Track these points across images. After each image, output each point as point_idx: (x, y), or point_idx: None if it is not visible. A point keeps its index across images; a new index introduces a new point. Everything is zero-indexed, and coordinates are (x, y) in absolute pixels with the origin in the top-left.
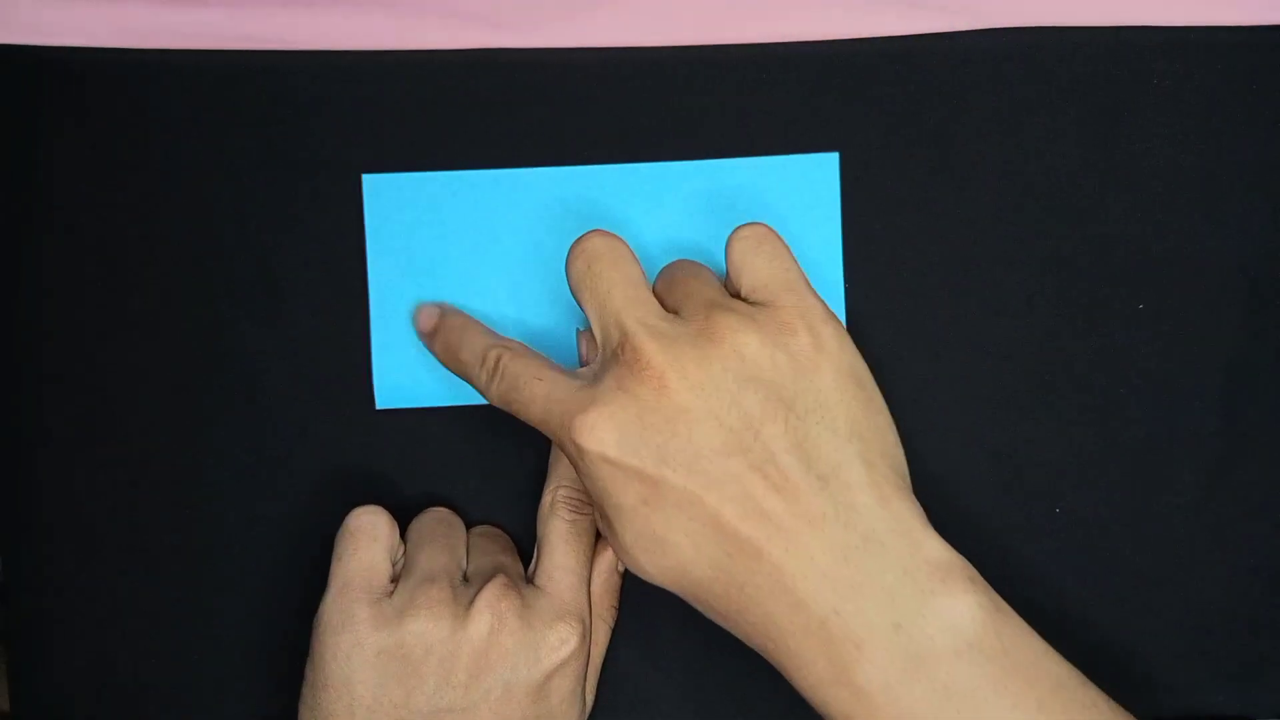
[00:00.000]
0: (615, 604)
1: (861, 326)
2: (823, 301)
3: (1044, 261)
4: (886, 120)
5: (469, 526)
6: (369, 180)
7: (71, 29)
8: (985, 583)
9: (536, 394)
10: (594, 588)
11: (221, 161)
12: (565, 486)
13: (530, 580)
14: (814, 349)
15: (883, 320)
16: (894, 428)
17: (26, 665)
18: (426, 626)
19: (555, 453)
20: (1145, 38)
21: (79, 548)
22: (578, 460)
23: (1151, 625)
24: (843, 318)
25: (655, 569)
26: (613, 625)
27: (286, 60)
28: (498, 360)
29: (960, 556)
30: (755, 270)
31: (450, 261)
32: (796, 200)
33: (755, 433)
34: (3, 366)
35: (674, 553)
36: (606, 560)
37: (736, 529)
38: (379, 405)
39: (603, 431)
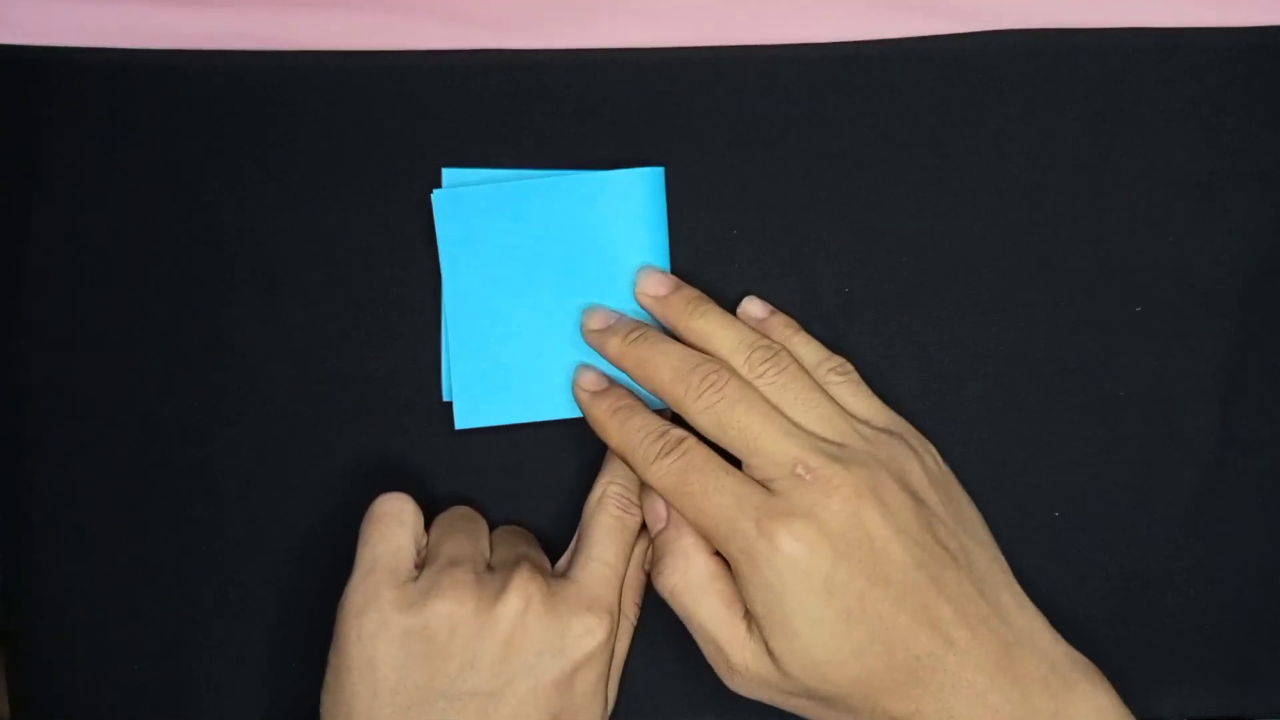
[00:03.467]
0: (638, 602)
1: (860, 328)
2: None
3: (1042, 263)
4: (886, 122)
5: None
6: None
7: (71, 29)
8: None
9: (725, 485)
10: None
11: (221, 162)
12: (617, 483)
13: (564, 571)
14: (937, 467)
15: (881, 321)
16: None
17: (26, 665)
18: (452, 608)
19: (611, 452)
20: (1142, 39)
21: (79, 548)
22: (763, 563)
23: (1150, 626)
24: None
25: (845, 678)
26: (635, 623)
27: (286, 61)
28: (681, 439)
29: (1082, 655)
30: (864, 408)
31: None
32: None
33: (930, 548)
34: (3, 366)
35: (870, 660)
36: (635, 557)
37: (925, 638)
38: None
39: (813, 542)
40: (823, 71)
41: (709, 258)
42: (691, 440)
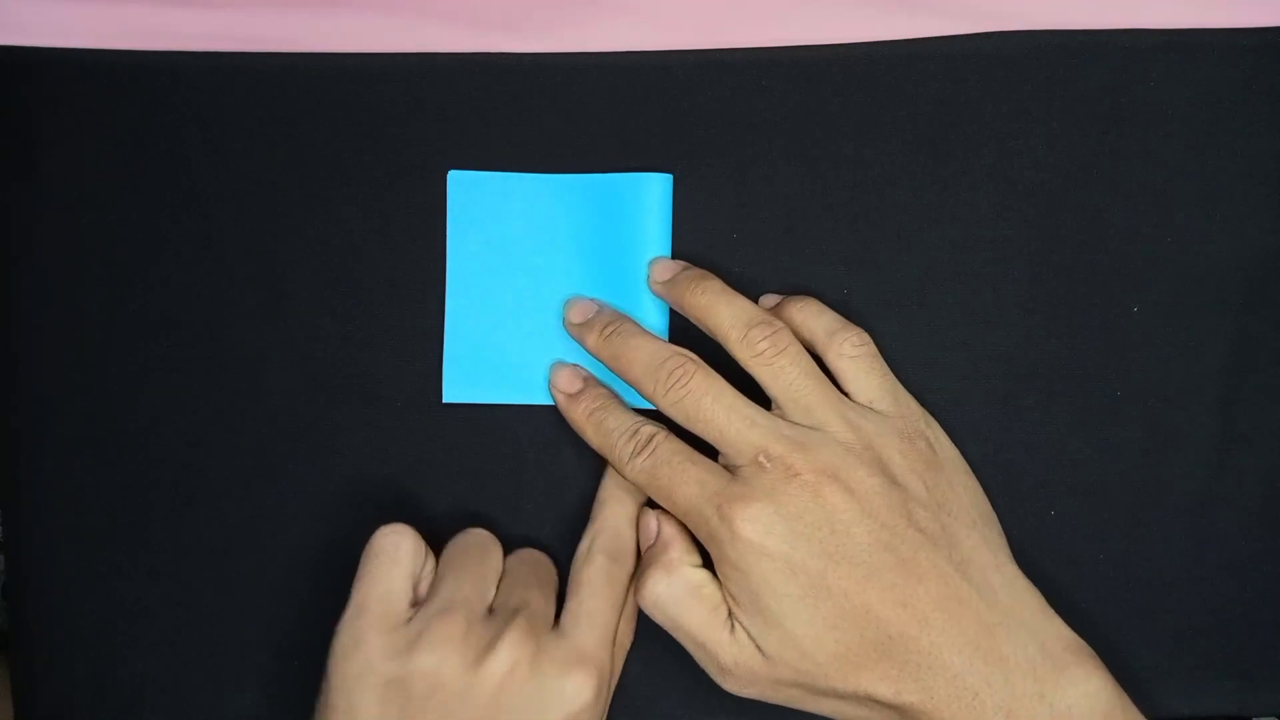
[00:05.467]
0: (633, 629)
1: (859, 328)
2: (919, 405)
3: (1041, 264)
4: (886, 122)
5: (517, 543)
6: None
7: (72, 29)
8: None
9: (689, 475)
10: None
11: (221, 162)
12: (606, 533)
13: (557, 622)
14: (930, 451)
15: (879, 322)
16: (989, 504)
17: (28, 665)
18: (436, 662)
19: (599, 498)
20: (1141, 40)
21: (80, 548)
22: (727, 546)
23: (1148, 627)
24: None
25: (823, 653)
26: (627, 649)
27: (287, 62)
28: (651, 436)
29: (1078, 636)
30: (868, 386)
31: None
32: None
33: (900, 531)
34: (3, 365)
35: (843, 635)
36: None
37: (896, 616)
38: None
39: (769, 524)
40: (823, 73)
41: (709, 260)
42: (661, 435)
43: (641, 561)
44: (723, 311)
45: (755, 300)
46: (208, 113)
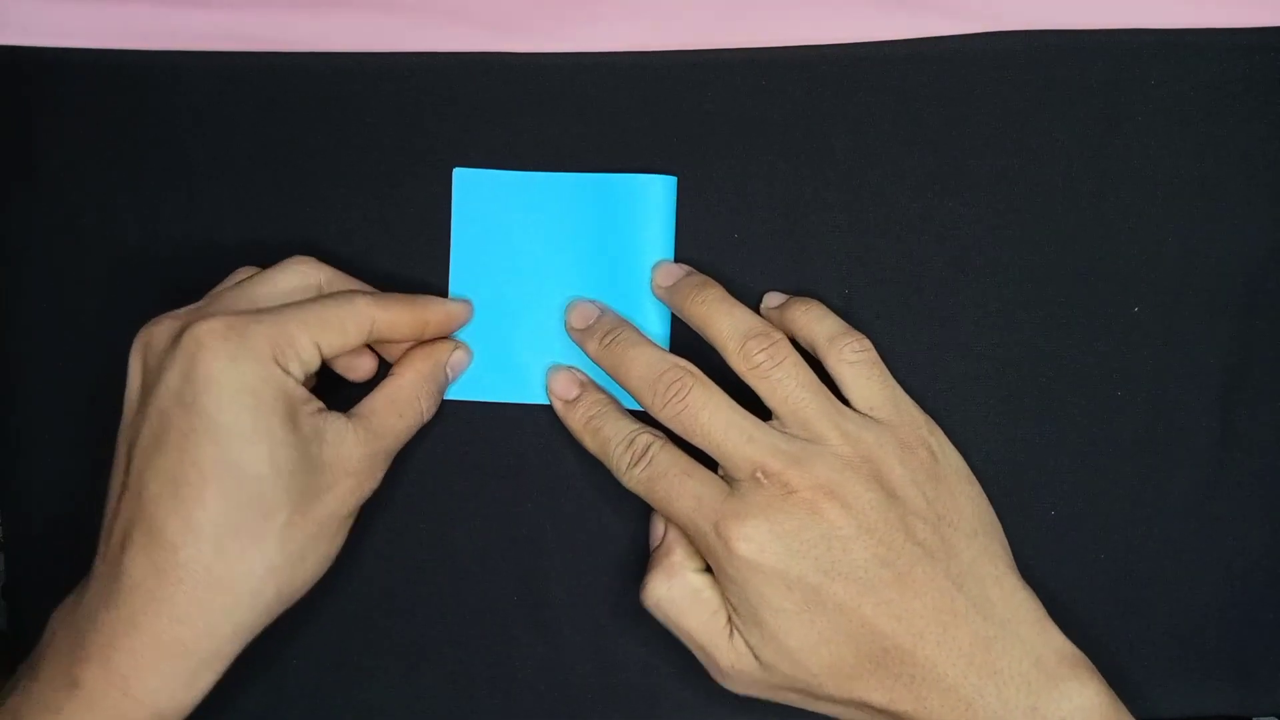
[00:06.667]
0: (433, 402)
1: (860, 328)
2: (922, 412)
3: (1041, 264)
4: (886, 122)
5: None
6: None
7: (71, 29)
8: (1100, 674)
9: (686, 489)
10: (419, 369)
11: (221, 162)
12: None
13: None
14: (932, 460)
15: (880, 323)
16: (993, 511)
17: None
18: None
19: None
20: (1141, 40)
21: (80, 549)
22: (724, 561)
23: (1148, 626)
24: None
25: (817, 664)
26: (414, 424)
27: (287, 62)
28: (648, 446)
29: (1076, 648)
30: (868, 393)
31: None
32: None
33: (898, 545)
34: (3, 365)
35: (837, 649)
36: (431, 354)
37: (891, 630)
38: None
39: (764, 541)
40: (823, 73)
41: (710, 261)
42: (658, 445)
43: (647, 563)
44: (721, 321)
45: (760, 298)
46: (208, 113)
